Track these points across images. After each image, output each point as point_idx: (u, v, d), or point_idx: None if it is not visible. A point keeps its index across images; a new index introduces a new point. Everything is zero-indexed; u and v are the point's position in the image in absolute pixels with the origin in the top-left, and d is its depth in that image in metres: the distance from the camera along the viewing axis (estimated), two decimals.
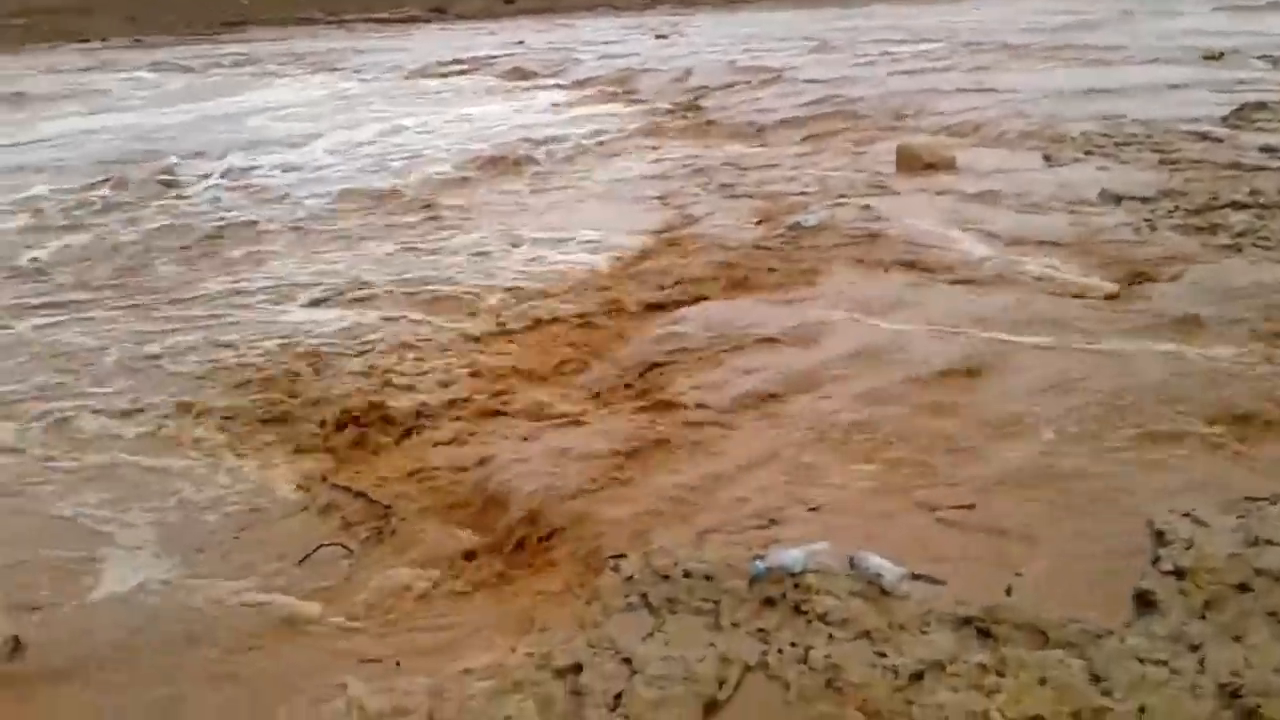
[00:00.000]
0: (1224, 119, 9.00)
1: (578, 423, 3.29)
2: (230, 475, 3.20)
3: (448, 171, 8.32)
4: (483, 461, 2.98)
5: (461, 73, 17.35)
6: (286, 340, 4.34)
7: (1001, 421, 3.01)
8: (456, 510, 2.80)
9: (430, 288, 5.02)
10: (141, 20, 33.96)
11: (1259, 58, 14.27)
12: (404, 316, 4.60)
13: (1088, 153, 7.85)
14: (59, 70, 19.49)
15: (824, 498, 2.62)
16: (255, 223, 6.74)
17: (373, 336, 4.35)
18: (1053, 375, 3.34)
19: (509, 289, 4.98)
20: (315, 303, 4.92)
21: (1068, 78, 12.85)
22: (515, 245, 5.86)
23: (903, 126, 9.78)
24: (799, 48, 19.31)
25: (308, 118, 11.54)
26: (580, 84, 15.07)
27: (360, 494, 2.90)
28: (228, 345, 4.34)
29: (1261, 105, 9.62)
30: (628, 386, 3.68)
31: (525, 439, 3.18)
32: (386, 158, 9.02)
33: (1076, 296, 4.29)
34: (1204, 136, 8.21)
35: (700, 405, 3.28)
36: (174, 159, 8.86)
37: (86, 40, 29.59)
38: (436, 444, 3.27)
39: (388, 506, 2.80)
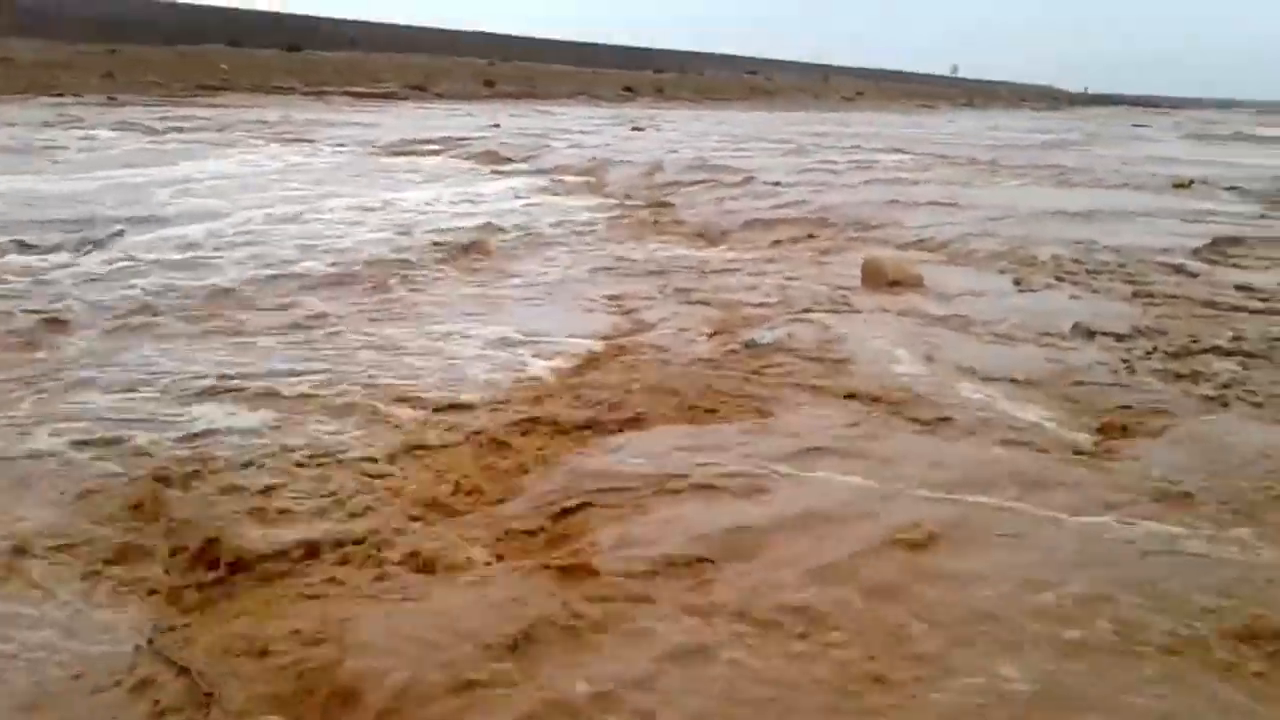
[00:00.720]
0: (1196, 251, 8.82)
1: (472, 583, 2.77)
2: (44, 628, 2.63)
3: (381, 255, 7.79)
4: (342, 633, 2.45)
5: (430, 153, 17.09)
6: (142, 449, 3.76)
7: (964, 619, 2.53)
8: (296, 702, 2.25)
9: (329, 392, 4.46)
10: (120, 78, 33.74)
11: (1227, 189, 14.31)
12: (292, 426, 4.05)
13: (1059, 278, 7.60)
14: (20, 124, 19.02)
15: None
16: (107, 307, 5.91)
17: (251, 449, 3.79)
18: (1023, 559, 2.88)
19: (423, 398, 4.48)
20: (184, 403, 4.30)
21: (1037, 197, 12.77)
22: (440, 345, 5.36)
23: (870, 238, 9.53)
24: (772, 149, 19.31)
25: (231, 192, 10.87)
26: (547, 172, 14.82)
27: (184, 670, 2.36)
28: (58, 454, 3.71)
29: (1235, 240, 9.47)
30: (539, 531, 3.18)
31: (404, 600, 2.66)
32: (308, 239, 8.32)
33: (1049, 451, 3.86)
34: (1177, 269, 8.00)
35: (618, 571, 2.77)
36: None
37: (60, 95, 29.28)
38: (298, 596, 2.73)
39: (209, 694, 2.26)
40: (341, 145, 17.24)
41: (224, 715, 2.20)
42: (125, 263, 7.12)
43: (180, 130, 18.65)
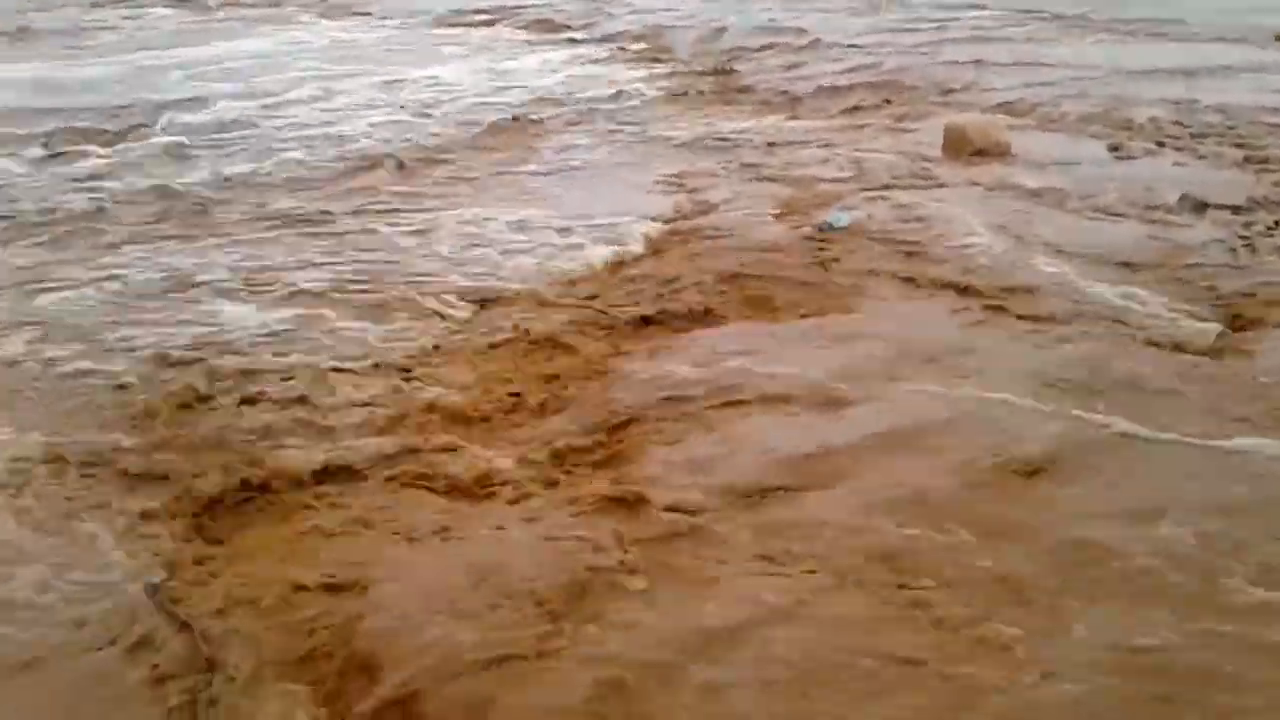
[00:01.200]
0: None
1: (512, 519, 2.45)
2: (48, 568, 2.38)
3: (420, 139, 7.36)
4: (361, 587, 2.16)
5: (485, 22, 16.40)
6: (151, 355, 3.48)
7: (1080, 564, 2.15)
8: (308, 667, 1.98)
9: (354, 288, 4.13)
10: None
11: None
12: (323, 327, 3.73)
13: (1159, 144, 6.90)
14: (75, 4, 18.65)
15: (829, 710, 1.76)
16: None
17: (281, 355, 3.48)
18: (1148, 491, 2.46)
19: (467, 293, 4.13)
20: (186, 306, 4.00)
21: (1128, 54, 11.78)
22: (486, 234, 4.97)
23: (950, 102, 8.81)
24: (842, 9, 18.19)
25: (265, 70, 10.39)
26: (606, 39, 14.11)
27: (186, 626, 2.09)
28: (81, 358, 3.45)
29: None
30: (588, 451, 2.84)
31: (433, 538, 2.36)
32: (337, 123, 7.91)
33: (1166, 346, 3.41)
34: None
35: (676, 507, 2.43)
36: None
37: None
38: (318, 533, 2.45)
39: (212, 660, 1.98)
40: (394, 17, 16.62)
41: (228, 686, 1.93)
42: (115, 161, 6.82)
43: (233, 4, 18.13)
